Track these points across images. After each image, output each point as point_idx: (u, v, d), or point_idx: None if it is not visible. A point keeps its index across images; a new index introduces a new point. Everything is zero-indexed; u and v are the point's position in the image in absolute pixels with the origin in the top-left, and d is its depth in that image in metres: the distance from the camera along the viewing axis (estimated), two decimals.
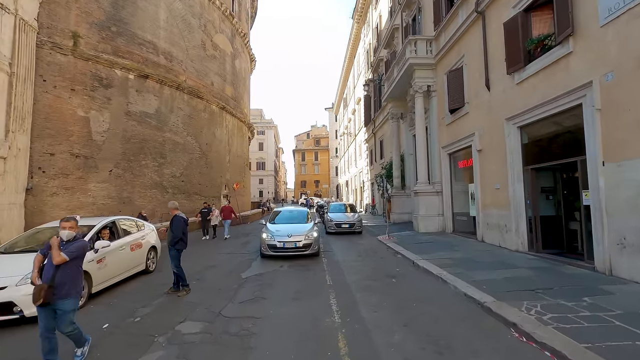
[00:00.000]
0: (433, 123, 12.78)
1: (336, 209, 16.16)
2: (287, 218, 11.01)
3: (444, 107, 11.86)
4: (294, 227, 9.82)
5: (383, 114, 20.01)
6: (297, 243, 9.09)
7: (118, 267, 6.94)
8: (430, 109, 12.96)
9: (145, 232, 8.26)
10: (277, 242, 9.11)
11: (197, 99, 19.60)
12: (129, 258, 7.32)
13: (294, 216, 11.17)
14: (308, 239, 9.21)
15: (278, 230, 9.60)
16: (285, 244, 9.06)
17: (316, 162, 78.57)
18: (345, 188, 45.84)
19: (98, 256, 6.21)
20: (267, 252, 9.20)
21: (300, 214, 11.25)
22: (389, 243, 10.87)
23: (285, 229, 9.64)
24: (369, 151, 27.01)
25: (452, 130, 11.45)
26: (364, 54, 26.55)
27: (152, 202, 16.26)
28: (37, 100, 12.51)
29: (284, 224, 10.23)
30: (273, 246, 9.12)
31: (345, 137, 43.24)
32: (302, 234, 9.27)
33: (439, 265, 7.41)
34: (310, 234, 9.35)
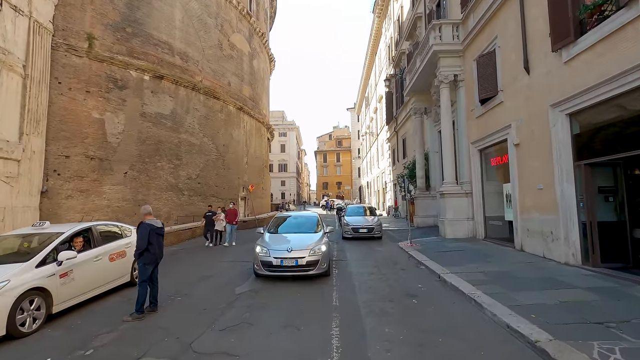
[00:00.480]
0: (461, 116, 11.62)
1: (354, 212, 15.05)
2: (292, 226, 9.05)
3: (473, 97, 10.69)
4: (297, 238, 7.92)
5: (405, 110, 18.89)
6: (299, 260, 7.13)
7: (92, 280, 6.16)
8: (458, 101, 11.80)
9: (132, 240, 7.36)
10: (273, 258, 7.16)
11: (214, 99, 19.30)
12: (107, 269, 6.53)
13: (300, 223, 9.11)
14: (314, 254, 7.21)
15: (276, 243, 7.73)
16: (283, 260, 7.12)
17: (338, 163, 77.68)
18: (367, 190, 44.69)
19: (62, 269, 5.44)
20: (260, 271, 7.32)
21: (309, 221, 9.22)
22: (412, 251, 9.82)
23: (286, 241, 7.77)
24: (391, 151, 25.88)
25: (483, 123, 10.26)
26: (386, 49, 25.51)
27: (167, 205, 16.01)
28: (53, 103, 12.47)
29: (286, 234, 8.42)
30: (268, 263, 7.21)
31: (367, 136, 42.15)
32: (306, 247, 7.31)
33: (470, 282, 6.26)
34: (317, 248, 7.36)
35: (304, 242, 7.58)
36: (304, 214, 10.00)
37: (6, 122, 10.63)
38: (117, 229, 7.39)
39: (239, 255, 11.56)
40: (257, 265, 7.35)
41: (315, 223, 9.03)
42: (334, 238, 14.23)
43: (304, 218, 9.50)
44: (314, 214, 9.69)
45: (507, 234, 9.61)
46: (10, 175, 10.74)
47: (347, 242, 13.07)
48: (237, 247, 13.38)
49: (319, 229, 8.62)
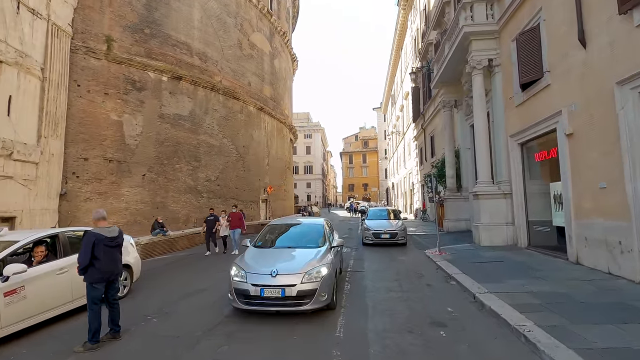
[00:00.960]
0: (497, 106, 10.30)
1: (375, 215, 13.68)
2: (287, 238, 6.83)
3: (511, 83, 9.36)
4: (290, 256, 5.80)
5: (433, 105, 17.60)
6: (288, 289, 4.94)
7: (53, 297, 5.19)
8: (493, 90, 10.49)
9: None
10: (250, 285, 5.03)
11: (233, 99, 18.97)
12: (77, 283, 5.36)
13: (299, 235, 6.84)
14: (310, 281, 5.05)
15: (259, 262, 5.57)
16: (264, 290, 4.94)
17: (364, 164, 76.30)
18: (394, 191, 43.19)
19: (8, 286, 4.52)
20: (235, 303, 5.19)
21: (311, 231, 6.86)
22: (440, 261, 8.58)
23: (273, 260, 5.57)
24: (418, 149, 24.52)
25: (524, 112, 8.92)
26: (412, 43, 24.25)
27: (186, 207, 15.75)
28: (72, 105, 12.46)
29: (278, 249, 6.27)
30: (243, 293, 5.07)
31: (393, 136, 40.73)
32: (299, 271, 5.13)
33: (516, 307, 4.81)
34: (315, 271, 5.17)
35: (298, 262, 5.44)
36: (307, 222, 7.66)
37: (24, 125, 10.63)
38: None
39: None
40: (231, 294, 5.23)
41: (320, 234, 6.63)
42: (354, 244, 13.13)
43: (306, 227, 7.19)
44: (320, 222, 7.30)
45: (555, 242, 8.25)
46: (28, 178, 10.73)
47: (368, 248, 11.88)
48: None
49: (324, 242, 6.33)
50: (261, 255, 5.94)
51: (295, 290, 4.96)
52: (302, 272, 5.15)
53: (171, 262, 11.13)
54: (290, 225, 7.40)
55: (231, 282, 5.30)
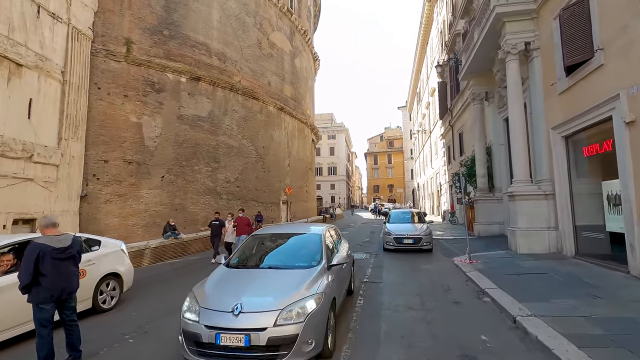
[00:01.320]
0: (535, 95, 9.16)
1: (398, 218, 12.46)
2: (273, 255, 5.17)
3: (553, 68, 8.22)
4: (267, 282, 4.21)
5: (462, 100, 16.45)
6: (253, 336, 3.41)
7: (18, 313, 4.50)
8: (531, 77, 9.35)
9: (98, 254, 5.94)
10: (203, 327, 3.53)
11: (253, 99, 18.70)
12: None
13: (291, 248, 5.25)
14: (287, 322, 3.52)
15: (223, 292, 4.00)
16: (221, 334, 3.44)
17: (389, 165, 74.67)
18: (420, 192, 41.68)
19: None
20: (185, 353, 3.63)
21: (306, 243, 5.20)
22: (471, 271, 7.49)
23: (242, 288, 4.02)
24: (445, 148, 23.26)
25: (570, 100, 7.76)
26: (438, 36, 23.09)
27: (205, 209, 15.56)
28: (92, 108, 12.55)
29: (254, 270, 4.66)
30: (194, 338, 3.55)
31: (419, 135, 39.31)
32: (271, 307, 3.61)
33: (573, 338, 3.72)
34: (297, 307, 3.64)
35: (277, 291, 3.86)
36: (302, 230, 5.93)
37: (45, 127, 10.74)
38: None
39: None
40: (180, 337, 3.73)
41: (317, 248, 4.91)
42: (374, 249, 12.14)
43: (300, 238, 5.43)
44: (318, 231, 5.46)
45: (609, 250, 7.12)
46: (49, 180, 10.82)
47: (388, 255, 10.83)
48: None
49: (320, 259, 4.63)
50: (229, 280, 4.27)
51: (265, 336, 3.34)
52: (277, 308, 3.52)
53: (179, 267, 10.77)
54: (280, 236, 5.66)
55: (180, 320, 3.76)
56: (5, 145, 9.35)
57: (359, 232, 17.76)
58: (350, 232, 18.47)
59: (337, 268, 4.76)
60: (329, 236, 5.62)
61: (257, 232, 5.98)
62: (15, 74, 9.84)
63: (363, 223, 25.11)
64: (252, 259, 5.10)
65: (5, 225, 9.47)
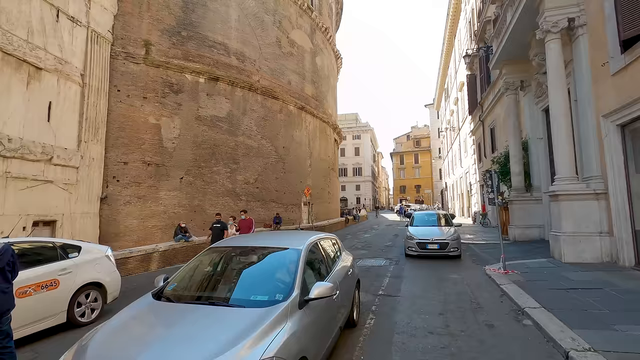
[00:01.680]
0: (582, 80, 7.98)
1: (422, 220, 11.42)
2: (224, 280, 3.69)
3: (604, 45, 7.06)
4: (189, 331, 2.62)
5: (493, 92, 15.22)
6: None
7: None
8: (576, 59, 8.19)
9: (77, 262, 5.36)
10: None
11: (272, 99, 18.36)
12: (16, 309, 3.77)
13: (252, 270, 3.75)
14: None
15: (110, 351, 2.50)
16: None
17: (416, 165, 72.55)
18: (448, 193, 39.91)
19: None
20: None
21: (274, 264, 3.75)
22: (506, 284, 6.34)
23: (140, 347, 2.46)
24: (476, 145, 21.87)
25: (627, 81, 6.57)
26: (466, 27, 21.80)
27: (224, 211, 15.30)
28: (112, 110, 12.61)
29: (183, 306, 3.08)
30: None
31: (447, 133, 37.67)
32: None
33: None
34: None
35: (193, 353, 2.33)
36: (277, 243, 4.12)
37: (64, 130, 10.84)
38: (49, 247, 5.12)
39: None
40: None
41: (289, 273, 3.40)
42: (395, 254, 11.12)
43: (269, 258, 3.81)
44: (299, 245, 3.83)
45: None
46: (69, 182, 10.91)
47: (411, 262, 9.77)
48: None
49: (290, 289, 3.16)
50: (139, 323, 2.94)
51: None
52: None
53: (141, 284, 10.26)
54: (245, 252, 3.99)
55: None
56: (24, 148, 9.46)
57: (381, 235, 16.90)
58: (372, 234, 17.65)
59: (318, 303, 3.22)
60: (318, 252, 4.09)
61: (218, 244, 4.30)
62: (35, 78, 9.97)
63: (387, 225, 24.14)
64: (193, 286, 3.50)
65: (25, 226, 9.58)
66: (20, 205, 9.41)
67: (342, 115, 67.01)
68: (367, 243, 13.83)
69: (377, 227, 22.38)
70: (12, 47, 9.19)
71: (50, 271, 4.84)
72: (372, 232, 18.61)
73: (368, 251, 11.59)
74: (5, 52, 9.04)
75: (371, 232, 18.62)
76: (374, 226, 23.95)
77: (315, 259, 3.95)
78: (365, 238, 15.85)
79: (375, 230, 20.02)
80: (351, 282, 4.69)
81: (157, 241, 12.77)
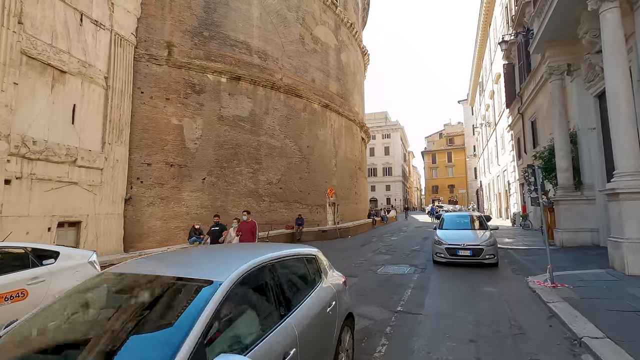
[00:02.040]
0: None
1: (453, 223, 10.15)
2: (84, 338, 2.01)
3: None
4: None
5: (534, 81, 13.78)
6: None
7: None
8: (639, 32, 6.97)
9: (52, 269, 4.75)
10: None
11: (296, 97, 17.95)
12: None
13: (128, 321, 2.03)
14: None
15: None
16: None
17: (449, 164, 69.62)
18: (484, 192, 37.65)
19: None
20: None
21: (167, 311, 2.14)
22: (555, 301, 5.14)
23: None
24: (514, 140, 20.21)
25: None
26: (502, 14, 20.22)
27: None
28: (135, 112, 12.71)
29: None
30: None
31: (482, 129, 35.57)
32: None
33: None
34: None
35: None
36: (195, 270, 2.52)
37: (88, 132, 10.99)
38: (19, 253, 4.57)
39: None
40: None
41: (182, 327, 1.84)
42: (422, 261, 9.82)
43: (166, 297, 2.25)
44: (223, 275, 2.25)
45: None
46: (93, 184, 11.05)
47: (439, 270, 8.53)
48: None
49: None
50: None
51: None
52: None
53: None
54: (138, 284, 2.46)
55: None
56: (49, 150, 9.63)
57: (409, 238, 15.86)
58: (399, 237, 16.65)
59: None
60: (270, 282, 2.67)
61: (113, 269, 2.73)
62: (59, 81, 10.15)
63: (417, 227, 22.93)
64: (29, 344, 2.12)
65: (50, 227, 9.77)
66: (45, 207, 9.59)
67: (370, 114, 65.73)
68: (392, 247, 12.91)
69: (406, 229, 21.27)
70: (36, 51, 9.38)
71: (17, 280, 4.31)
72: (399, 235, 17.60)
73: (392, 256, 10.70)
74: (30, 56, 9.24)
75: (398, 235, 17.62)
76: (403, 228, 22.85)
77: (257, 297, 2.58)
78: (392, 241, 14.91)
79: (403, 233, 18.97)
80: (330, 326, 3.15)
81: (180, 242, 12.71)
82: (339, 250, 12.86)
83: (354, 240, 15.32)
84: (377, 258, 10.40)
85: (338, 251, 12.58)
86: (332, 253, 11.90)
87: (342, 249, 13.05)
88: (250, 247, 4.01)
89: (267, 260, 2.74)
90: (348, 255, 11.26)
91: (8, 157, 8.64)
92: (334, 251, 12.64)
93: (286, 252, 3.11)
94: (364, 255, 10.92)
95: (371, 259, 10.23)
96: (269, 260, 2.76)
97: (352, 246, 13.65)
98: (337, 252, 12.45)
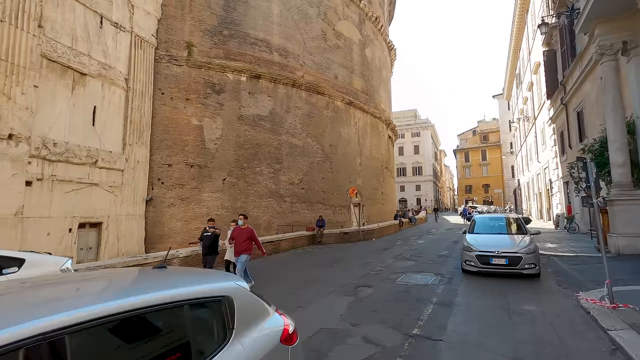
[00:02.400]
0: None
1: (485, 226, 8.84)
2: None
3: None
4: None
5: (580, 66, 12.29)
6: None
7: None
8: None
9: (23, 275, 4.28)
10: None
11: (317, 95, 17.43)
12: None
13: None
14: None
15: None
16: None
17: (484, 162, 66.23)
18: (522, 192, 35.17)
19: None
20: None
21: None
22: (618, 328, 4.06)
23: None
24: (557, 134, 18.44)
25: None
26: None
27: (267, 213, 14.75)
28: (156, 113, 12.73)
29: None
30: None
31: (520, 124, 33.25)
32: None
33: None
34: None
35: None
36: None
37: (109, 133, 11.07)
38: None
39: None
40: None
41: None
42: (450, 269, 8.61)
43: None
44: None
45: None
46: (114, 185, 11.11)
47: (468, 280, 7.33)
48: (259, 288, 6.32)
49: None
50: None
51: None
52: None
53: None
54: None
55: None
56: (69, 151, 9.73)
57: (437, 242, 14.72)
58: (427, 240, 15.57)
59: None
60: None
61: None
62: (79, 83, 10.26)
63: (447, 229, 21.56)
64: None
65: (71, 228, 9.87)
66: (66, 208, 9.69)
67: (399, 112, 64.00)
68: (417, 251, 11.91)
69: (435, 232, 20.02)
70: (56, 54, 9.49)
71: None
72: (427, 238, 16.50)
73: (416, 262, 9.74)
74: (50, 59, 9.36)
75: (426, 238, 16.52)
76: (432, 230, 21.59)
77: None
78: (418, 245, 13.89)
79: (432, 235, 17.82)
80: None
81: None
82: (360, 254, 12.11)
83: (377, 243, 14.51)
84: (398, 264, 9.52)
85: (358, 255, 11.84)
86: (351, 257, 11.50)
87: (364, 252, 12.29)
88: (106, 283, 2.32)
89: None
90: (368, 260, 10.50)
91: (29, 159, 8.77)
92: (353, 255, 11.90)
93: (159, 296, 1.84)
94: (384, 261, 10.09)
95: (392, 266, 9.35)
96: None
97: (374, 250, 12.87)
98: (358, 256, 11.72)
